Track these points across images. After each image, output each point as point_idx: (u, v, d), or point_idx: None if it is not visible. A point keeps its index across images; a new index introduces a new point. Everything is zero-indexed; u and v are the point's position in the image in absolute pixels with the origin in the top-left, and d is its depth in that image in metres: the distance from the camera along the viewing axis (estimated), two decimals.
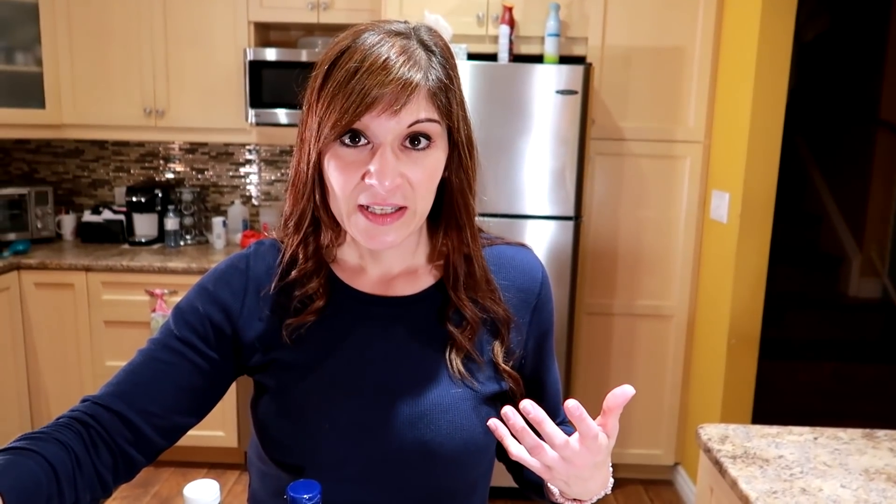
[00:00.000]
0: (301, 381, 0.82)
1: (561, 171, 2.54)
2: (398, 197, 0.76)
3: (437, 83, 0.76)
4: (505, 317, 0.88)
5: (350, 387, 0.83)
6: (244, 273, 0.87)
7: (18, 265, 2.80)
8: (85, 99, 3.03)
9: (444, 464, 0.82)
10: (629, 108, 2.72)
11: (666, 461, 2.94)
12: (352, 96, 0.72)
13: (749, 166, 2.43)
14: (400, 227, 0.77)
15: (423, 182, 0.77)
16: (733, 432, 1.37)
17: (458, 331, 0.85)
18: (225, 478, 2.85)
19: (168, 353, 0.83)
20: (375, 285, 0.88)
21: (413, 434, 0.81)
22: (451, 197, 0.84)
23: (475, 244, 0.87)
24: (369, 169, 0.74)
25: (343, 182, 0.76)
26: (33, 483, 0.69)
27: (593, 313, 2.85)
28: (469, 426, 0.83)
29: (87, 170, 3.42)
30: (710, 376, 2.67)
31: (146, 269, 2.81)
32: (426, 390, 0.83)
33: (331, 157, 0.76)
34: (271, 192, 3.41)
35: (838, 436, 1.38)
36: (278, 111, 2.92)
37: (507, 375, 0.88)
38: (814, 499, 1.12)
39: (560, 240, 2.58)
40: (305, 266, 0.85)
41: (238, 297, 0.86)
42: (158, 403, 0.81)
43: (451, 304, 0.86)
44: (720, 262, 2.61)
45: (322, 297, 0.85)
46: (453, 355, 0.85)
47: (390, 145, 0.74)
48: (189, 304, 0.86)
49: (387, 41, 0.74)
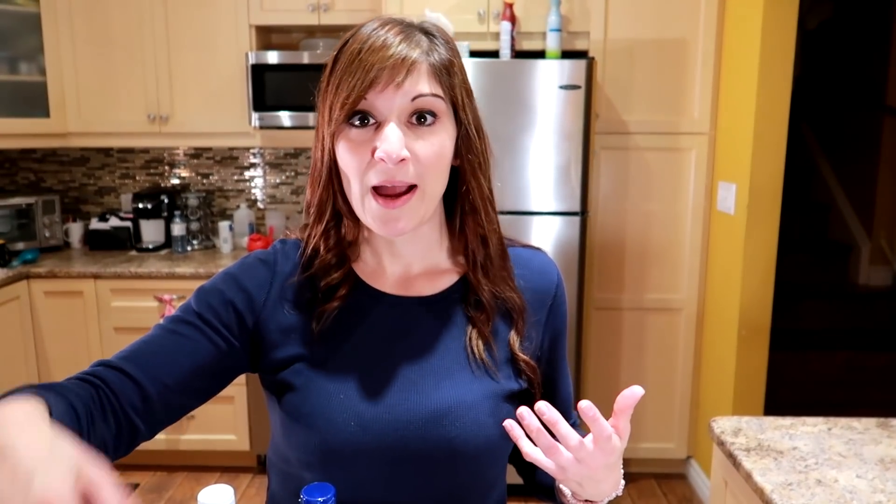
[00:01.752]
0: (325, 378, 0.83)
1: (566, 167, 2.53)
2: (408, 173, 0.77)
3: (438, 61, 0.79)
4: (520, 304, 0.89)
5: (374, 384, 0.83)
6: (271, 268, 0.88)
7: (28, 274, 2.82)
8: (89, 107, 3.04)
9: (468, 461, 0.83)
10: (633, 102, 2.71)
11: (678, 455, 2.93)
12: (356, 74, 0.75)
13: (755, 156, 2.42)
14: (411, 209, 0.78)
15: (430, 158, 0.78)
16: (746, 424, 1.37)
17: (477, 313, 0.87)
18: (238, 481, 2.86)
19: (188, 328, 0.82)
20: (396, 285, 0.88)
21: (438, 432, 0.81)
22: (463, 180, 0.85)
23: (491, 226, 0.88)
24: (376, 144, 0.76)
25: (354, 162, 0.77)
26: (73, 424, 0.68)
27: (602, 308, 2.84)
28: (492, 423, 0.83)
29: (93, 177, 3.43)
30: (721, 368, 2.66)
31: (154, 275, 2.81)
32: (450, 387, 0.83)
33: (342, 140, 0.78)
34: (276, 194, 3.42)
35: (852, 426, 1.37)
36: (281, 114, 2.92)
37: (525, 364, 0.88)
38: (829, 490, 1.11)
39: (567, 235, 2.57)
40: (327, 257, 0.86)
41: (263, 290, 0.86)
42: (173, 376, 0.80)
43: (472, 289, 0.88)
44: (729, 254, 2.60)
45: (345, 286, 0.86)
46: (474, 341, 0.86)
47: (396, 119, 0.76)
48: (214, 287, 0.86)
49: (388, 26, 0.78)
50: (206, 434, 2.89)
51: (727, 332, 2.60)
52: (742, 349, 2.53)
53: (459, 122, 0.82)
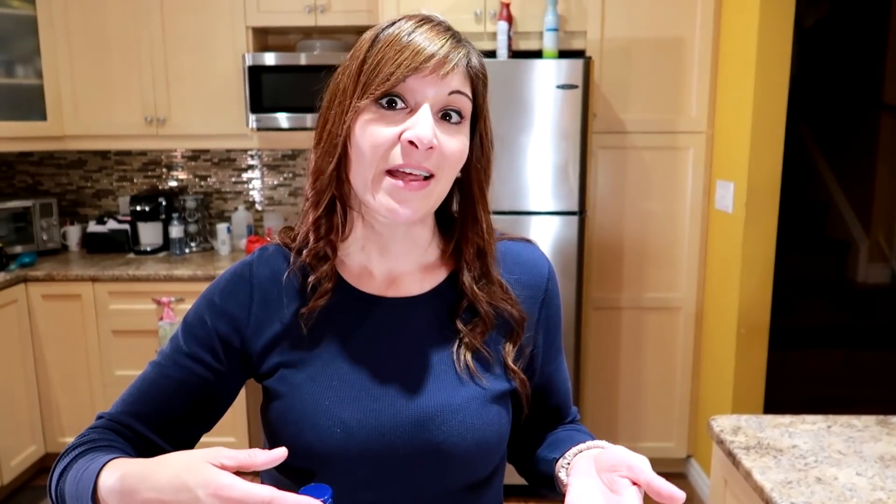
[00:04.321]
0: (310, 384, 0.82)
1: (564, 166, 2.53)
2: (431, 162, 0.77)
3: (476, 67, 0.81)
4: (519, 317, 0.88)
5: (360, 389, 0.82)
6: (248, 281, 0.88)
7: (25, 278, 2.81)
8: (86, 109, 3.04)
9: (457, 464, 0.82)
10: (630, 101, 2.71)
11: (678, 454, 2.93)
12: (405, 53, 0.75)
13: (753, 155, 2.42)
14: (424, 197, 0.78)
15: (454, 154, 0.79)
16: (746, 423, 1.36)
17: (467, 328, 0.85)
18: None
19: (178, 370, 0.85)
20: (381, 286, 0.87)
21: (424, 435, 0.80)
22: (468, 187, 0.85)
23: (490, 238, 0.87)
24: (408, 126, 0.75)
25: (377, 140, 0.76)
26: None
27: (601, 307, 2.84)
28: (480, 425, 0.82)
29: (91, 180, 3.42)
30: (721, 367, 2.66)
31: (152, 278, 2.81)
32: (436, 390, 0.82)
33: (367, 116, 0.77)
34: (274, 196, 3.41)
35: (852, 423, 1.37)
36: (279, 115, 2.92)
37: (515, 376, 0.87)
38: (829, 488, 1.11)
39: (565, 235, 2.57)
40: (317, 246, 0.85)
41: (245, 308, 0.86)
42: (171, 419, 0.85)
43: (464, 299, 0.86)
44: (727, 252, 2.60)
45: (330, 279, 0.85)
46: (462, 352, 0.85)
47: (431, 107, 0.76)
48: (197, 318, 0.87)
49: (426, 23, 0.79)
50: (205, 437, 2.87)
51: (726, 331, 2.60)
52: (741, 347, 2.53)
53: (475, 131, 0.83)
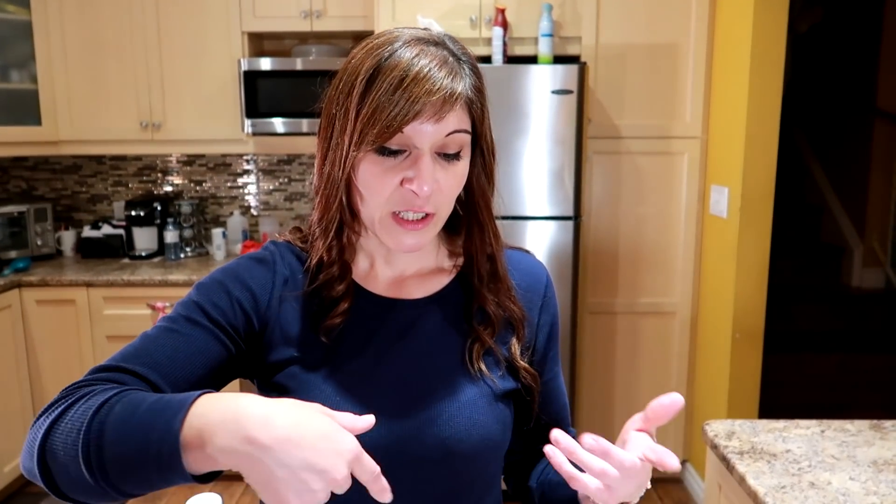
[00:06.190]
0: (321, 382, 0.82)
1: (559, 171, 2.54)
2: (430, 204, 0.79)
3: (472, 91, 0.80)
4: (521, 315, 0.90)
5: (369, 387, 0.83)
6: (271, 268, 0.87)
7: (19, 283, 2.80)
8: (81, 114, 3.04)
9: (463, 461, 0.83)
10: (625, 106, 2.72)
11: None
12: (399, 104, 0.74)
13: (747, 160, 2.43)
14: (426, 232, 0.81)
15: (453, 188, 0.80)
16: (740, 428, 1.37)
17: (481, 328, 0.88)
18: (231, 489, 2.84)
19: (195, 329, 0.78)
20: (388, 287, 0.89)
21: (432, 431, 0.81)
22: (473, 198, 0.87)
23: (497, 243, 0.90)
24: (408, 175, 0.76)
25: (380, 188, 0.78)
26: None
27: (596, 312, 2.84)
28: (486, 422, 0.84)
29: (86, 185, 3.42)
30: (716, 372, 2.66)
31: (147, 283, 2.80)
32: (444, 388, 0.84)
33: (368, 164, 0.78)
34: (270, 201, 3.41)
35: (846, 428, 1.37)
36: (274, 120, 2.92)
37: (526, 372, 0.89)
38: (823, 492, 1.11)
39: (560, 240, 2.57)
40: (332, 271, 0.86)
41: (266, 291, 0.85)
42: (187, 380, 0.75)
43: (475, 301, 0.89)
44: (722, 257, 2.61)
45: (348, 298, 0.86)
46: (475, 353, 0.86)
47: (429, 153, 0.77)
48: (217, 284, 0.83)
49: (424, 52, 0.77)
50: None
51: (721, 336, 2.61)
52: (736, 352, 2.54)
53: (477, 145, 0.84)
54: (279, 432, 0.57)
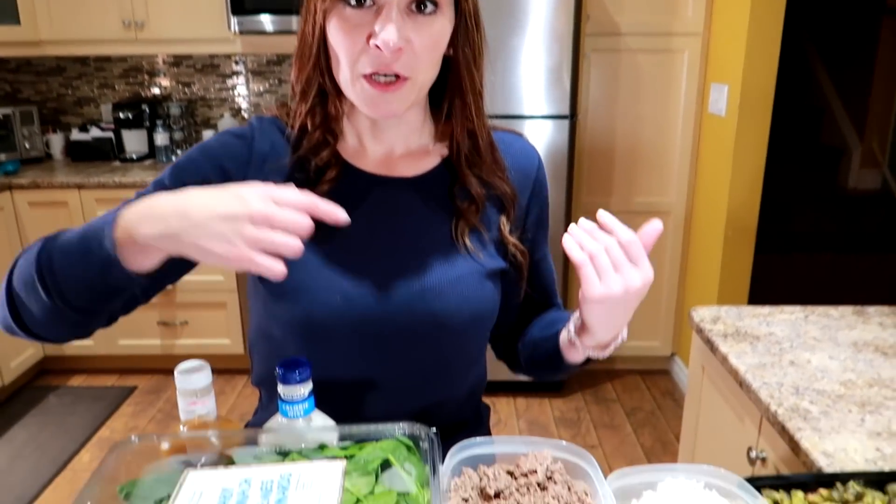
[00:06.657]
0: (311, 254, 0.82)
1: (556, 69, 2.47)
2: (401, 65, 0.75)
3: None
4: (511, 193, 0.90)
5: (360, 261, 0.83)
6: (248, 143, 0.87)
7: (10, 185, 2.78)
8: (61, 13, 2.92)
9: (452, 335, 0.85)
10: (625, 2, 2.62)
11: (663, 352, 3.01)
12: None
13: (748, 57, 2.36)
14: (402, 96, 0.78)
15: (426, 49, 0.76)
16: (725, 313, 1.39)
17: (465, 205, 0.87)
18: (234, 382, 2.93)
19: None
20: (378, 165, 0.88)
21: (422, 306, 0.82)
22: (456, 72, 0.84)
23: (480, 120, 0.87)
24: (374, 30, 0.73)
25: (347, 45, 0.75)
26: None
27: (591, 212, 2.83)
28: (476, 298, 0.85)
29: (71, 87, 3.33)
30: (707, 269, 2.69)
31: (139, 185, 2.78)
32: (435, 264, 0.84)
33: (335, 19, 0.76)
34: (261, 103, 3.34)
35: (829, 313, 1.40)
36: (262, 17, 2.81)
37: (515, 248, 0.89)
38: (802, 370, 1.14)
39: (556, 139, 2.54)
40: (315, 136, 0.84)
41: (241, 167, 0.85)
42: None
43: (458, 180, 0.88)
44: (718, 156, 2.58)
45: (335, 166, 0.85)
46: (461, 230, 0.86)
47: (397, 6, 0.73)
48: (188, 162, 0.85)
49: None
50: (201, 339, 2.94)
51: (714, 234, 2.62)
52: (728, 249, 2.56)
53: (459, 11, 0.80)
54: (188, 203, 0.64)
